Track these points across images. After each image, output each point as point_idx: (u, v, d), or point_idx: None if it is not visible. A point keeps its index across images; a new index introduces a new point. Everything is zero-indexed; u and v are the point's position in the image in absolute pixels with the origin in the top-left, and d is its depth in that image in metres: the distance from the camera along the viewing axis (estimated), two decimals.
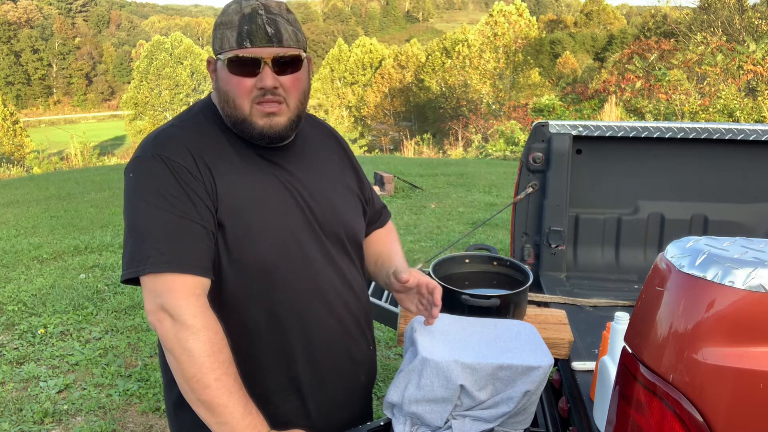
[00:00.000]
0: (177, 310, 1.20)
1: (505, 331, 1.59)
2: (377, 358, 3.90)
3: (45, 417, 3.28)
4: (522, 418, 1.45)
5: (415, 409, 1.41)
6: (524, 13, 37.12)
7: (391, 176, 9.69)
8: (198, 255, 1.26)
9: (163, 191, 1.27)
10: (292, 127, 1.38)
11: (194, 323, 1.20)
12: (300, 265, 1.40)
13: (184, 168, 1.29)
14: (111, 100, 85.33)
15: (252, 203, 1.35)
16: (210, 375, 1.19)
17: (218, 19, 1.34)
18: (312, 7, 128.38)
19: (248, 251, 1.34)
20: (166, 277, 1.23)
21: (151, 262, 1.23)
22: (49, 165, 20.66)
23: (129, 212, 1.30)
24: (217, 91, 1.38)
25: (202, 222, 1.28)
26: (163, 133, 1.37)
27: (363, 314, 1.56)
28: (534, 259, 2.76)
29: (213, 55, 1.38)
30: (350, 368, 1.53)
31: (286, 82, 1.33)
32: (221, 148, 1.36)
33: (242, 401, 1.22)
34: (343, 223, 1.49)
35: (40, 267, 5.87)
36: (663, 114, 16.57)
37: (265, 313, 1.38)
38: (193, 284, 1.24)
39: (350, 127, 44.20)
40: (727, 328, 0.93)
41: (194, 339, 1.19)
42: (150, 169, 1.30)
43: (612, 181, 2.72)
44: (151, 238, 1.25)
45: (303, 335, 1.42)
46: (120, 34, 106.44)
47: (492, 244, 2.65)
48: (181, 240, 1.25)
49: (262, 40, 1.29)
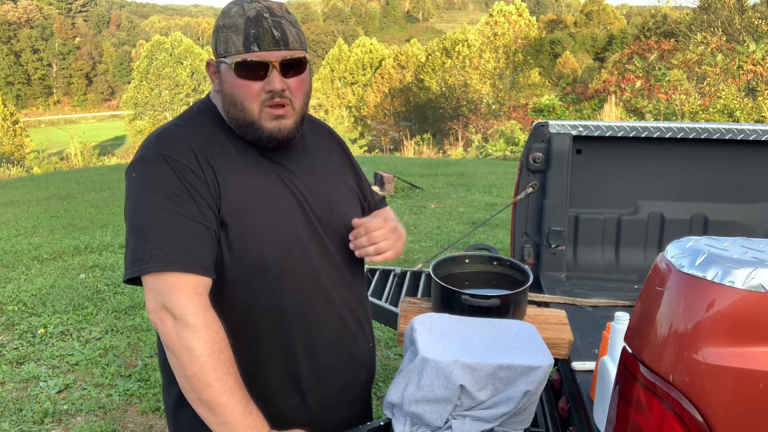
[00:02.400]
0: (179, 309, 1.21)
1: (505, 331, 1.59)
2: (377, 358, 3.90)
3: (45, 417, 3.28)
4: (522, 418, 1.45)
5: (415, 409, 1.41)
6: (524, 13, 37.12)
7: (391, 176, 9.69)
8: (201, 254, 1.26)
9: (166, 190, 1.27)
10: (297, 129, 1.40)
11: (196, 322, 1.20)
12: (302, 264, 1.40)
13: (188, 167, 1.29)
14: (111, 100, 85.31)
15: (255, 202, 1.36)
16: (211, 374, 1.19)
17: (220, 21, 1.34)
18: (312, 7, 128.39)
19: (251, 250, 1.34)
20: (169, 276, 1.23)
21: (154, 261, 1.23)
22: (49, 165, 20.67)
23: (131, 211, 1.30)
24: (221, 94, 1.38)
25: (205, 222, 1.28)
26: (165, 132, 1.37)
27: (363, 312, 1.58)
28: (534, 259, 2.76)
29: (213, 57, 1.38)
30: (351, 366, 1.54)
31: (293, 84, 1.35)
32: (224, 147, 1.37)
33: (243, 401, 1.22)
34: (344, 222, 1.50)
35: (40, 267, 5.87)
36: (663, 114, 16.57)
37: (268, 311, 1.38)
38: (196, 283, 1.24)
39: (350, 127, 44.19)
40: (727, 328, 0.93)
41: (196, 338, 1.20)
42: (153, 169, 1.30)
43: (612, 181, 2.72)
44: (153, 237, 1.25)
45: (305, 333, 1.43)
46: (120, 34, 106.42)
47: (492, 244, 2.65)
48: (184, 239, 1.25)
49: (270, 43, 1.30)
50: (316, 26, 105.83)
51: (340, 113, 45.99)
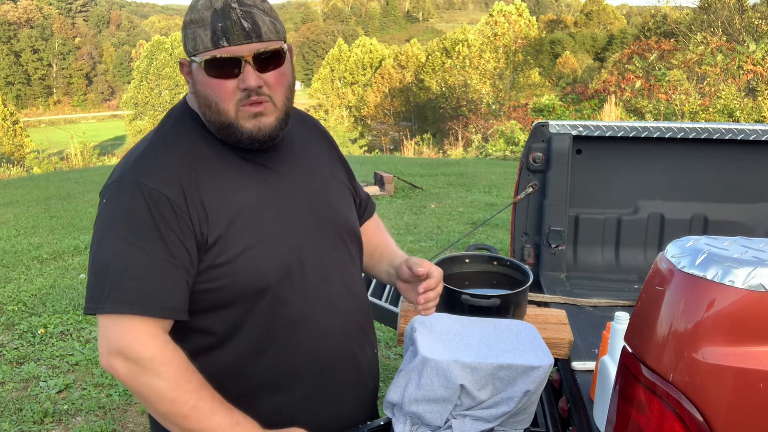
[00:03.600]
0: (133, 354, 1.15)
1: (505, 330, 1.59)
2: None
3: (45, 417, 3.28)
4: (522, 417, 1.45)
5: (415, 409, 1.41)
6: (524, 13, 37.11)
7: (391, 176, 9.69)
8: (163, 296, 1.18)
9: (134, 224, 1.18)
10: (281, 126, 1.29)
11: (153, 365, 1.15)
12: (299, 282, 1.32)
13: (164, 198, 1.19)
14: (111, 100, 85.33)
15: (247, 220, 1.26)
16: (184, 407, 1.15)
17: (187, 16, 1.23)
18: (312, 7, 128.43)
19: (246, 271, 1.25)
20: (125, 319, 1.16)
21: (111, 302, 1.16)
22: (49, 165, 20.67)
23: (97, 240, 1.21)
24: (196, 96, 1.27)
25: (172, 260, 1.19)
26: (145, 154, 1.26)
27: (365, 318, 1.50)
28: (534, 259, 2.76)
29: (186, 57, 1.27)
30: (358, 377, 1.46)
31: (271, 78, 1.23)
32: (208, 164, 1.27)
33: (227, 416, 1.18)
34: (343, 220, 1.44)
35: (40, 267, 5.87)
36: (663, 114, 16.57)
37: (269, 331, 1.30)
38: (154, 328, 1.17)
39: (350, 127, 44.15)
40: (727, 327, 0.93)
41: (157, 380, 1.15)
42: (124, 198, 1.21)
43: (612, 181, 2.72)
44: (114, 274, 1.17)
45: (309, 349, 1.35)
46: (120, 34, 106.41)
47: (492, 244, 2.65)
48: (146, 279, 1.17)
49: (240, 36, 1.18)
50: (316, 26, 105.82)
51: (340, 113, 45.96)
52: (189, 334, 1.27)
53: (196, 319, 1.27)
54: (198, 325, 1.28)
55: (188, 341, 1.26)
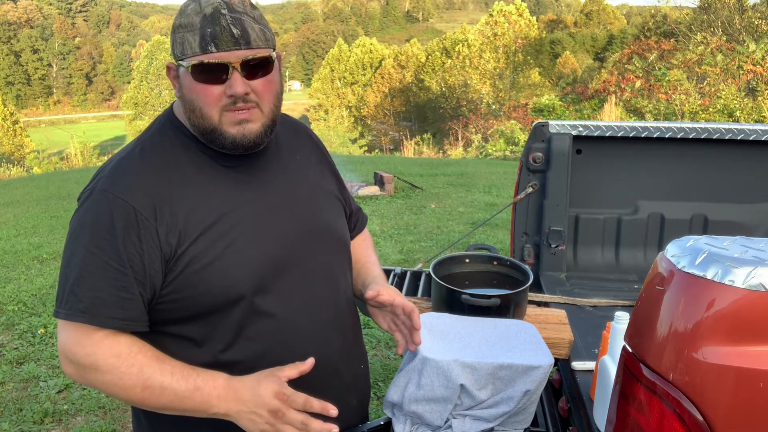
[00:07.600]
0: (74, 356, 1.20)
1: (505, 330, 1.60)
2: (377, 358, 3.90)
3: (45, 417, 3.28)
4: (522, 417, 1.45)
5: (415, 409, 1.41)
6: (524, 13, 37.11)
7: (391, 176, 9.69)
8: (115, 306, 1.19)
9: (97, 232, 1.20)
10: (266, 133, 1.28)
11: (92, 362, 1.19)
12: (276, 291, 1.30)
13: (131, 208, 1.19)
14: (111, 100, 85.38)
15: (222, 229, 1.25)
16: (137, 388, 1.18)
17: (176, 20, 1.22)
18: (312, 7, 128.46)
19: (218, 280, 1.24)
20: (75, 326, 1.20)
21: (65, 308, 1.19)
22: (49, 165, 20.67)
23: (65, 246, 1.25)
24: (182, 100, 1.27)
25: (129, 271, 1.19)
26: (119, 164, 1.27)
27: (352, 330, 1.46)
28: (534, 259, 2.76)
29: (173, 61, 1.26)
30: (339, 392, 1.38)
31: (258, 86, 1.23)
32: (185, 174, 1.26)
33: (183, 384, 1.19)
34: (329, 228, 1.42)
35: (40, 267, 5.87)
36: (663, 114, 16.57)
37: (245, 340, 1.28)
38: (101, 337, 1.20)
39: (350, 127, 44.13)
40: (727, 327, 0.93)
41: (100, 374, 1.19)
42: (92, 205, 1.22)
43: (612, 181, 2.72)
44: (72, 280, 1.20)
45: (284, 358, 1.27)
46: (120, 34, 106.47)
47: (492, 244, 2.64)
48: (100, 288, 1.19)
49: (228, 42, 1.18)
50: (316, 26, 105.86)
51: (340, 113, 45.95)
52: (166, 338, 1.28)
53: (172, 327, 1.28)
54: (174, 332, 1.28)
55: (166, 345, 1.26)
